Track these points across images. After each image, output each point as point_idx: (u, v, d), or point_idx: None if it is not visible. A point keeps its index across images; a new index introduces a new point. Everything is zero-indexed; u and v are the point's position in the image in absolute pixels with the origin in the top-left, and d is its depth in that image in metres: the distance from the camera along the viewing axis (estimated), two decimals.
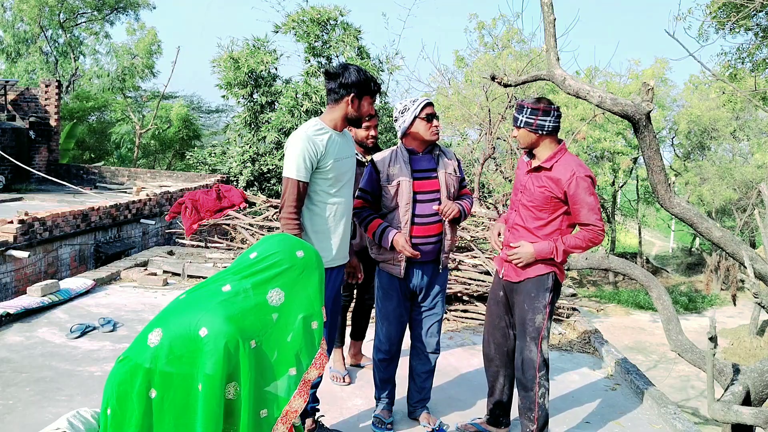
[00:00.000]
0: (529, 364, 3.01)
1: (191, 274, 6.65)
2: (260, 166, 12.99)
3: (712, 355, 2.82)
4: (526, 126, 2.92)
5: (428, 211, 3.15)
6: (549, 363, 3.06)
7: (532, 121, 2.91)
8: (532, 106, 2.91)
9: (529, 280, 3.02)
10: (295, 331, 2.12)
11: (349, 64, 2.90)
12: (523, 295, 3.03)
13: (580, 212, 2.90)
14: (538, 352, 3.00)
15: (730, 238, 3.46)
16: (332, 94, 2.89)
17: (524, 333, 3.03)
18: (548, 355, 3.04)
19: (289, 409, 2.11)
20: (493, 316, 3.25)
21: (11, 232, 7.57)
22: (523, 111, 2.93)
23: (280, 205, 2.84)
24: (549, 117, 2.90)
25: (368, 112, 2.97)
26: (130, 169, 16.19)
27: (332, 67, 2.93)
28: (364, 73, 2.89)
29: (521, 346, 3.05)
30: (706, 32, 9.39)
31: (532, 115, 2.91)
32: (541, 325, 2.99)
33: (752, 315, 16.78)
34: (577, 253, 2.97)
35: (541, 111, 2.89)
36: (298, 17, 13.10)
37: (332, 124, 2.89)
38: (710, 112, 22.02)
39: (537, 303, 3.00)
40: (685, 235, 32.33)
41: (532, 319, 3.00)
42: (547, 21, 3.52)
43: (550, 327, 3.06)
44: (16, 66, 24.48)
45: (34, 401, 3.50)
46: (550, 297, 3.01)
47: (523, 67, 11.86)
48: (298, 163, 2.77)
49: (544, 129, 2.91)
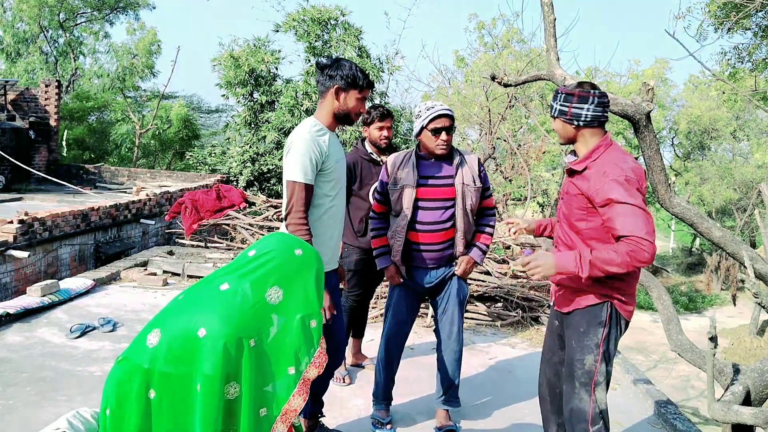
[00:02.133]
0: (579, 415, 2.48)
1: (191, 274, 6.65)
2: (260, 166, 12.99)
3: (712, 355, 2.82)
4: (561, 116, 2.49)
5: (434, 218, 3.11)
6: (607, 416, 2.51)
7: (566, 109, 2.46)
8: (567, 92, 2.47)
9: (578, 311, 2.52)
10: (293, 330, 2.11)
11: (341, 58, 2.79)
12: (572, 329, 2.54)
13: (614, 222, 2.31)
14: (591, 402, 2.47)
15: (730, 238, 3.45)
16: (320, 87, 2.78)
17: (572, 377, 2.51)
18: (605, 406, 2.51)
19: (289, 408, 2.11)
20: (546, 349, 2.78)
21: (11, 232, 7.57)
22: (557, 98, 2.51)
23: (287, 211, 2.67)
24: (586, 104, 2.43)
25: (357, 109, 2.79)
26: (130, 169, 16.19)
27: (323, 59, 2.82)
28: (354, 67, 2.75)
29: (569, 393, 2.53)
30: (705, 32, 9.40)
31: (566, 102, 2.46)
32: (593, 368, 2.46)
33: (752, 315, 16.77)
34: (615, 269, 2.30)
35: (577, 96, 2.44)
36: (299, 16, 13.09)
37: (327, 123, 2.79)
38: (710, 112, 22.02)
39: (587, 340, 2.48)
40: (685, 235, 32.32)
41: (581, 360, 2.48)
42: (547, 21, 3.52)
43: (606, 371, 2.51)
44: (16, 66, 24.47)
45: (34, 401, 3.50)
46: (604, 333, 2.47)
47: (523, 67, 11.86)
48: (304, 165, 2.64)
49: (581, 119, 2.45)
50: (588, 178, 2.42)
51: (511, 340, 5.15)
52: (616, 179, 2.32)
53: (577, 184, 2.48)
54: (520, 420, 3.60)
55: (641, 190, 2.35)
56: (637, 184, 2.34)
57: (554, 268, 2.37)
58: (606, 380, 2.52)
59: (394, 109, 13.79)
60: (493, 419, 3.63)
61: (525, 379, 4.21)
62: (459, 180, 3.11)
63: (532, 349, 4.91)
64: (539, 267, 2.39)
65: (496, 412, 3.72)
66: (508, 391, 4.06)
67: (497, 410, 3.75)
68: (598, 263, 2.29)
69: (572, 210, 2.50)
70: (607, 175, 2.35)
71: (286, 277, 2.12)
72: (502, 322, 5.51)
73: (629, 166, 2.37)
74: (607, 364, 2.49)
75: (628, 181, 2.32)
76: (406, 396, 3.81)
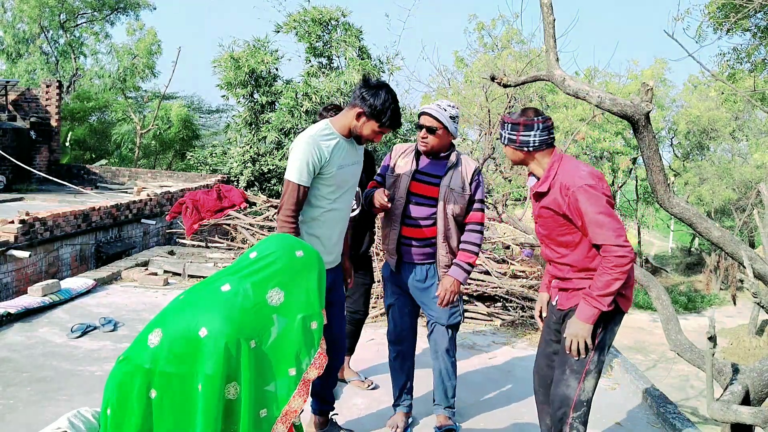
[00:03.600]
0: (564, 401, 2.59)
1: (192, 273, 6.66)
2: (260, 167, 13.00)
3: (711, 355, 2.83)
4: (510, 144, 2.62)
5: (418, 214, 3.13)
6: (590, 406, 2.62)
7: (515, 138, 2.59)
8: (512, 121, 2.59)
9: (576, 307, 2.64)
10: (294, 332, 2.12)
11: (387, 85, 2.79)
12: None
13: (590, 232, 2.48)
14: (578, 389, 2.57)
15: (729, 238, 3.46)
16: (353, 97, 2.81)
17: (565, 364, 2.61)
18: (591, 395, 2.60)
19: (289, 409, 2.12)
20: (543, 340, 2.88)
21: (12, 232, 7.58)
22: (505, 127, 2.64)
23: (278, 207, 2.78)
24: (532, 131, 2.56)
25: (369, 138, 2.83)
26: (130, 169, 16.21)
27: (373, 78, 2.86)
28: (390, 103, 2.75)
29: (558, 378, 2.64)
30: (704, 33, 9.40)
31: (513, 131, 2.59)
32: (586, 358, 2.56)
33: (751, 315, 16.77)
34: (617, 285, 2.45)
35: (522, 125, 2.57)
36: (300, 17, 13.09)
37: (341, 130, 2.82)
38: (709, 112, 22.01)
39: None
40: (684, 235, 32.32)
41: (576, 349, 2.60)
42: (547, 22, 3.53)
43: (599, 361, 2.60)
44: (16, 66, 24.50)
45: (35, 401, 3.51)
46: (602, 326, 2.57)
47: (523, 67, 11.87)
48: (300, 167, 2.70)
49: (529, 145, 2.57)
50: (554, 196, 2.55)
51: (511, 340, 5.16)
52: (577, 190, 2.46)
53: (546, 205, 2.59)
54: (520, 420, 3.61)
55: (604, 191, 2.49)
56: (598, 188, 2.48)
57: (584, 325, 2.50)
58: (598, 370, 2.60)
59: None
60: (493, 419, 3.64)
61: (525, 379, 4.21)
62: (445, 182, 3.11)
63: (532, 349, 4.92)
64: (578, 337, 2.51)
65: (496, 412, 3.73)
66: (508, 391, 4.07)
67: (497, 410, 3.76)
68: (601, 291, 2.45)
69: (553, 230, 2.61)
70: (569, 188, 2.48)
71: (288, 279, 2.13)
72: (502, 322, 5.52)
73: (586, 172, 2.52)
74: (600, 354, 2.58)
75: (590, 187, 2.46)
76: None
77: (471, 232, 3.16)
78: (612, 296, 2.46)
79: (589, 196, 2.45)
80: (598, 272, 2.48)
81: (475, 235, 3.16)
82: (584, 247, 2.56)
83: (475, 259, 3.16)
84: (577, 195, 2.46)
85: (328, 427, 3.14)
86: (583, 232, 2.53)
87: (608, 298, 2.45)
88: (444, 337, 3.23)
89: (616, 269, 2.43)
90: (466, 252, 3.14)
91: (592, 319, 2.49)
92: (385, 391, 3.86)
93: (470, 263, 3.14)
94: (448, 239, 3.14)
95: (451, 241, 3.15)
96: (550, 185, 2.57)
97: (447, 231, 3.13)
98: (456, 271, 3.12)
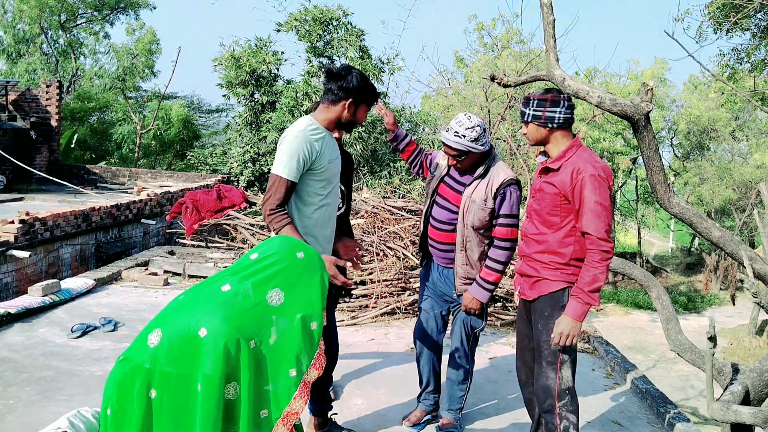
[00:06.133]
0: (547, 392, 2.70)
1: (192, 273, 6.66)
2: (261, 167, 12.99)
3: (711, 355, 2.83)
4: (534, 120, 2.67)
5: (443, 217, 3.17)
6: (575, 392, 2.72)
7: (540, 114, 2.65)
8: (539, 97, 2.65)
9: (542, 297, 2.72)
10: (295, 332, 2.12)
11: (352, 68, 2.82)
12: (538, 314, 2.74)
13: (582, 217, 2.58)
14: (557, 379, 2.68)
15: (729, 238, 3.46)
16: (330, 95, 2.81)
17: (540, 357, 2.73)
18: (571, 383, 2.71)
19: (290, 411, 2.11)
20: (521, 336, 2.96)
21: (12, 232, 7.58)
22: (530, 104, 2.67)
23: (263, 201, 2.75)
24: (558, 108, 2.63)
25: (362, 119, 2.90)
26: (130, 170, 16.21)
27: (335, 67, 2.87)
28: (366, 80, 2.81)
29: (538, 372, 2.75)
30: (704, 33, 9.40)
31: (539, 108, 2.65)
32: (557, 348, 2.67)
33: (751, 315, 16.77)
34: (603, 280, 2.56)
35: (549, 101, 2.63)
36: (301, 16, 13.08)
37: (325, 125, 2.84)
38: (709, 112, 22.01)
39: (551, 323, 2.68)
40: (684, 235, 32.33)
41: (547, 341, 2.69)
42: (547, 22, 3.53)
43: (572, 352, 2.72)
44: (16, 66, 24.51)
45: (35, 401, 3.51)
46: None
47: (523, 67, 11.86)
48: (290, 162, 2.70)
49: (554, 122, 2.64)
50: (562, 176, 2.63)
51: (511, 340, 5.16)
52: (588, 176, 2.56)
53: (551, 181, 2.67)
54: (520, 420, 3.61)
55: (609, 187, 2.62)
56: (607, 182, 2.60)
57: (575, 323, 2.59)
58: (572, 359, 2.72)
59: (394, 109, 13.80)
60: (493, 419, 3.64)
61: None
62: (468, 192, 3.08)
63: None
64: (569, 333, 2.60)
65: (496, 412, 3.73)
66: (508, 390, 4.07)
67: (497, 410, 3.76)
68: (591, 287, 2.56)
69: (546, 206, 2.70)
70: (580, 171, 2.57)
71: (288, 280, 2.13)
72: (502, 321, 5.52)
73: (600, 165, 2.62)
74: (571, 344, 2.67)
75: (599, 178, 2.57)
76: (409, 395, 3.81)
77: (497, 248, 3.06)
78: (599, 292, 2.58)
79: (598, 185, 2.56)
80: (585, 267, 2.58)
81: (499, 252, 3.04)
82: (563, 232, 2.67)
83: (497, 277, 3.04)
84: (586, 180, 2.55)
85: (328, 427, 3.15)
86: (575, 218, 2.62)
87: (597, 293, 2.58)
88: (461, 342, 3.26)
89: (602, 263, 2.55)
90: (488, 269, 3.05)
91: (583, 317, 2.58)
92: (385, 391, 3.87)
93: (490, 281, 3.04)
94: (466, 249, 3.11)
95: (470, 252, 3.10)
96: (562, 164, 2.65)
97: (465, 240, 3.10)
98: (475, 289, 3.07)
